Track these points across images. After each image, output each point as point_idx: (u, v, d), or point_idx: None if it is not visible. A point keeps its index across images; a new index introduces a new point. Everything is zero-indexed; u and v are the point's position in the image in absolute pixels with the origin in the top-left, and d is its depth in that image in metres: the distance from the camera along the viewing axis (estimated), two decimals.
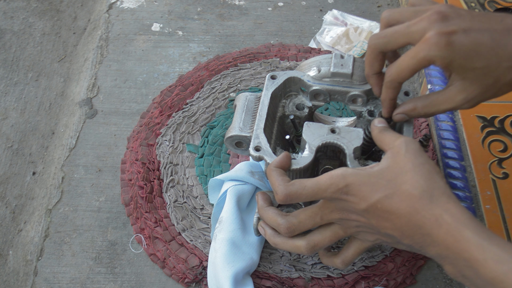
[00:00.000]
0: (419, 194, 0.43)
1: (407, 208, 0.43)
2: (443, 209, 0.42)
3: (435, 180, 0.44)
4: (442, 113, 0.64)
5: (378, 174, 0.46)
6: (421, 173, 0.44)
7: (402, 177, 0.44)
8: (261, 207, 0.55)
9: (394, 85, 0.52)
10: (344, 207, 0.47)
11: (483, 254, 0.39)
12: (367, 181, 0.45)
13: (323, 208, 0.49)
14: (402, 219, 0.44)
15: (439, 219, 0.42)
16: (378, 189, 0.45)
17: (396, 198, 0.44)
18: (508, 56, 0.45)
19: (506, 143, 0.79)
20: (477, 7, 0.99)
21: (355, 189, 0.45)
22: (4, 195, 0.86)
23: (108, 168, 0.83)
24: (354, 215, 0.47)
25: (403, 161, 0.45)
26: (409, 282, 0.70)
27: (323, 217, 0.49)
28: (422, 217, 0.43)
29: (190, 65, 0.98)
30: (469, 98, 0.49)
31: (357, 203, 0.45)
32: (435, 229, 0.42)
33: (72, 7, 1.20)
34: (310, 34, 1.04)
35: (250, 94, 0.65)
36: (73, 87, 1.00)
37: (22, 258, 0.76)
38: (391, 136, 0.49)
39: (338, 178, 0.46)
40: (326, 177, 0.47)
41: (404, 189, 0.44)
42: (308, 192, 0.47)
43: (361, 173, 0.46)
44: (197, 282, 0.70)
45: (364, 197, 0.45)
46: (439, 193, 0.43)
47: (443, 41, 0.45)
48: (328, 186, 0.46)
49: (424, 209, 0.43)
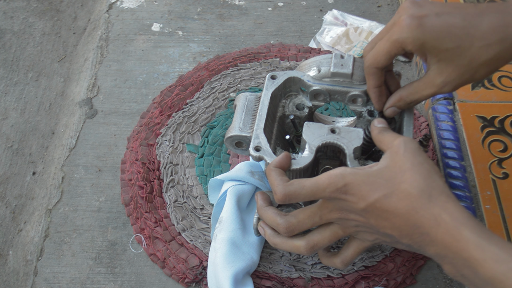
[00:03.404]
0: (417, 194, 0.43)
1: (406, 207, 0.43)
2: (442, 208, 0.42)
3: (433, 179, 0.44)
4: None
5: (377, 173, 0.46)
6: (419, 172, 0.44)
7: (400, 176, 0.44)
8: (261, 207, 0.55)
9: (373, 70, 0.53)
10: (343, 206, 0.47)
11: (482, 253, 0.39)
12: (366, 181, 0.45)
13: (322, 208, 0.49)
14: (400, 219, 0.44)
15: (438, 219, 0.42)
16: (376, 189, 0.45)
17: (394, 197, 0.44)
18: (480, 35, 0.46)
19: (506, 143, 0.79)
20: None
21: (354, 189, 0.45)
22: (4, 195, 0.86)
23: (108, 168, 0.83)
24: (353, 215, 0.47)
25: (401, 161, 0.45)
26: (409, 282, 0.70)
27: (322, 217, 0.49)
28: (421, 217, 0.43)
29: (190, 65, 0.98)
30: (448, 81, 0.49)
31: (356, 202, 0.45)
32: (433, 229, 0.42)
33: (72, 7, 1.20)
34: (310, 34, 1.04)
35: (250, 94, 0.65)
36: (73, 87, 1.00)
37: (22, 258, 0.76)
38: (390, 136, 0.49)
39: (337, 177, 0.46)
40: (324, 176, 0.47)
41: (403, 188, 0.44)
42: (307, 192, 0.47)
43: (359, 173, 0.46)
44: (197, 282, 0.70)
45: (363, 197, 0.45)
46: (438, 193, 0.43)
47: (414, 23, 0.46)
48: (327, 186, 0.46)
49: (423, 209, 0.43)
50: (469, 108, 0.83)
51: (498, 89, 0.86)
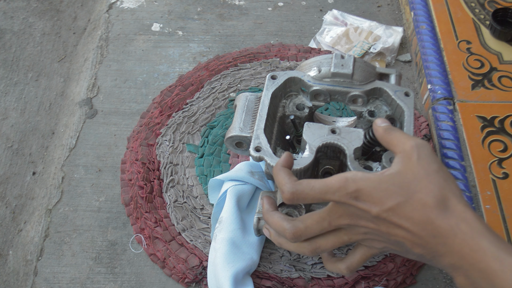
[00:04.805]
0: (433, 204, 0.42)
1: (421, 217, 0.42)
2: (459, 218, 0.41)
3: (450, 188, 0.43)
4: None
5: (389, 179, 0.44)
6: (435, 181, 0.43)
7: (415, 185, 0.43)
8: (267, 211, 0.52)
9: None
10: (354, 212, 0.45)
11: (500, 264, 0.38)
12: (378, 187, 0.43)
13: (331, 213, 0.47)
14: (414, 228, 0.42)
15: (455, 229, 0.41)
16: (390, 196, 0.43)
17: (409, 206, 0.42)
18: None
19: (506, 143, 0.79)
20: (477, 7, 0.99)
21: (365, 195, 0.44)
22: (4, 195, 0.86)
23: (108, 168, 0.83)
24: (363, 221, 0.46)
25: (416, 168, 0.44)
26: (409, 282, 0.70)
27: (331, 223, 0.47)
28: (437, 227, 0.42)
29: (190, 65, 0.98)
30: None
31: (368, 209, 0.44)
32: (450, 239, 0.41)
33: (72, 7, 1.20)
34: (310, 34, 1.04)
35: (250, 94, 0.65)
36: (73, 87, 1.00)
37: (22, 258, 0.76)
38: (400, 138, 0.47)
39: (348, 181, 0.44)
40: (335, 179, 0.45)
41: (418, 197, 0.42)
42: (316, 193, 0.46)
43: (372, 178, 0.44)
44: (197, 282, 0.70)
45: (375, 203, 0.43)
46: (455, 202, 0.42)
47: None
48: (337, 189, 0.44)
49: (439, 219, 0.41)
50: (469, 108, 0.83)
51: (498, 89, 0.86)
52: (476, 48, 0.92)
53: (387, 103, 0.63)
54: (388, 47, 0.98)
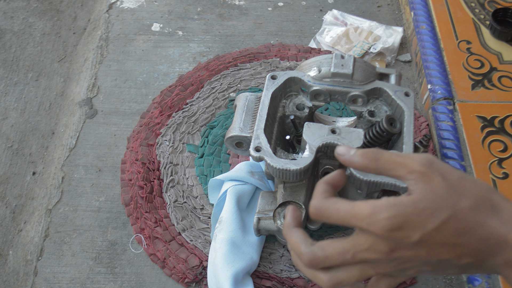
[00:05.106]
0: (479, 207, 0.40)
1: (469, 224, 0.40)
2: (509, 212, 0.40)
3: (484, 187, 0.42)
4: None
5: (422, 200, 0.40)
6: (468, 186, 0.41)
7: (451, 196, 0.40)
8: (287, 226, 0.46)
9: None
10: (386, 245, 0.41)
11: None
12: (414, 210, 0.40)
13: (357, 245, 0.41)
14: (463, 239, 0.40)
15: (507, 224, 0.40)
16: (431, 217, 0.40)
17: (453, 220, 0.40)
18: None
19: (506, 143, 0.79)
20: (477, 7, 0.99)
21: (402, 221, 0.39)
22: (4, 195, 0.86)
23: (108, 168, 0.83)
24: (397, 253, 0.41)
25: (441, 182, 0.41)
26: (409, 282, 0.70)
27: (355, 256, 0.42)
28: (488, 227, 0.40)
29: (190, 65, 0.98)
30: None
31: (406, 236, 0.40)
32: (503, 236, 0.40)
33: (72, 7, 1.20)
34: (310, 34, 1.04)
35: (250, 94, 0.65)
36: (73, 87, 1.00)
37: (22, 258, 0.76)
38: (396, 160, 0.43)
39: (381, 208, 0.40)
40: (364, 205, 0.40)
41: (461, 207, 0.40)
42: (340, 216, 0.41)
43: (404, 202, 0.40)
44: (197, 282, 0.70)
45: (415, 228, 0.39)
46: (498, 199, 0.41)
47: None
48: (366, 216, 0.40)
49: (487, 219, 0.40)
50: (469, 108, 0.83)
51: (498, 89, 0.86)
52: (476, 48, 0.92)
53: (387, 103, 0.63)
54: (388, 47, 0.98)
